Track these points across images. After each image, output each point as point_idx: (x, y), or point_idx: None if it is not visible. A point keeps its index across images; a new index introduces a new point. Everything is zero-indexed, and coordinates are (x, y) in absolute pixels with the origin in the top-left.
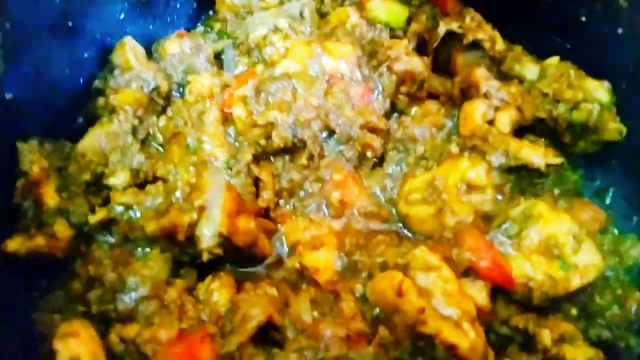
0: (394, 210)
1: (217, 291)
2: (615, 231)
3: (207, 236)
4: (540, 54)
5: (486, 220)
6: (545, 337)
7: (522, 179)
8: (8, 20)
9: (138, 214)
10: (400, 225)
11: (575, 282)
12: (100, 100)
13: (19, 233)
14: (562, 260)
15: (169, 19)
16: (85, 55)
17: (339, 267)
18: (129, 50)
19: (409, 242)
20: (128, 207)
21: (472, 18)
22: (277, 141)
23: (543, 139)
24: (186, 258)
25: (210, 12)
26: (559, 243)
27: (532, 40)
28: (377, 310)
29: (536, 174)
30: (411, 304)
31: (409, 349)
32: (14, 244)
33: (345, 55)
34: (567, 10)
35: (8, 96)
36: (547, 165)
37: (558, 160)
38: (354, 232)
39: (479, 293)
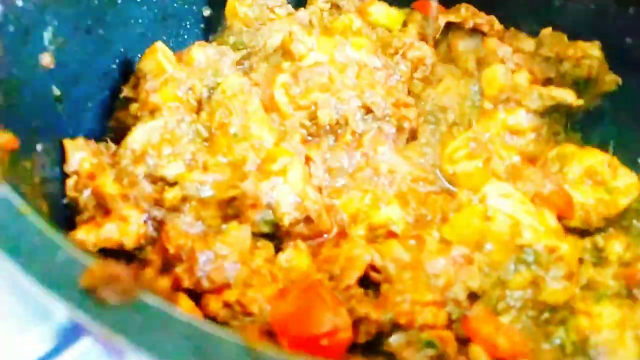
0: (438, 173)
1: (298, 258)
2: None
3: (288, 199)
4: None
5: (530, 162)
6: (616, 245)
7: (554, 121)
8: (56, 18)
9: (210, 192)
10: (449, 186)
11: (622, 201)
12: (133, 107)
13: (84, 223)
14: (605, 187)
15: (180, 39)
16: (113, 66)
17: (410, 220)
18: (160, 54)
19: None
20: (201, 183)
21: (466, 9)
22: (323, 119)
23: None
24: (265, 228)
25: (218, 31)
26: (598, 171)
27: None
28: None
29: (565, 116)
30: (502, 223)
31: (510, 266)
32: (81, 234)
33: (365, 45)
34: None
35: (56, 92)
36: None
37: (580, 101)
38: (407, 192)
39: (550, 218)
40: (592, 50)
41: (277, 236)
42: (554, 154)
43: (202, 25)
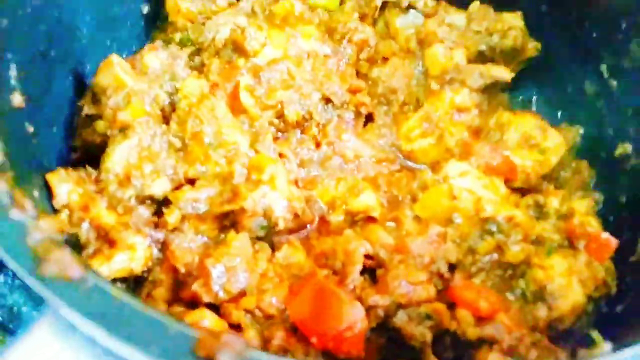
0: (397, 152)
1: (294, 254)
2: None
3: (279, 204)
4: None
5: (476, 134)
6: (554, 201)
7: (492, 96)
8: (17, 53)
9: (204, 207)
10: (408, 162)
11: (553, 159)
12: (99, 125)
13: (92, 258)
14: (538, 148)
15: (123, 40)
16: (67, 84)
17: (384, 202)
18: (118, 67)
19: (421, 172)
20: (195, 201)
21: None
22: (291, 116)
23: None
24: (261, 233)
25: (159, 27)
26: (532, 136)
27: None
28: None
29: (498, 90)
30: (467, 201)
31: (477, 235)
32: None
33: (313, 34)
34: None
35: (30, 129)
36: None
37: (512, 74)
38: (376, 177)
39: (500, 186)
40: (516, 20)
41: (266, 235)
42: (493, 123)
43: (142, 23)
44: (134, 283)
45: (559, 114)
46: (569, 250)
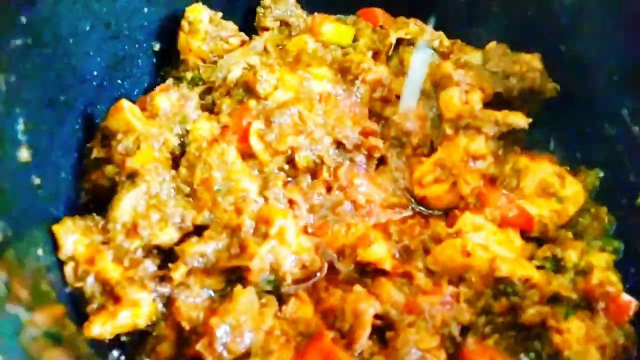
0: (410, 197)
1: (302, 308)
2: (567, 168)
3: (288, 259)
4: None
5: (491, 182)
6: (572, 254)
7: (507, 141)
8: (24, 107)
9: (212, 261)
10: (421, 207)
11: (572, 209)
12: (108, 170)
13: (96, 314)
14: (556, 197)
15: (134, 78)
16: (76, 126)
17: (397, 254)
18: (128, 112)
19: (433, 218)
20: (202, 255)
21: (415, 24)
22: (302, 163)
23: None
24: (268, 287)
25: (171, 64)
26: (549, 183)
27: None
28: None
29: (514, 135)
30: (481, 259)
31: (491, 295)
32: (97, 327)
33: (325, 76)
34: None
35: (36, 181)
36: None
37: (529, 119)
38: (388, 224)
39: (515, 239)
40: (534, 63)
41: (274, 287)
42: (509, 169)
43: (153, 60)
44: (139, 336)
45: (578, 155)
46: (587, 312)
